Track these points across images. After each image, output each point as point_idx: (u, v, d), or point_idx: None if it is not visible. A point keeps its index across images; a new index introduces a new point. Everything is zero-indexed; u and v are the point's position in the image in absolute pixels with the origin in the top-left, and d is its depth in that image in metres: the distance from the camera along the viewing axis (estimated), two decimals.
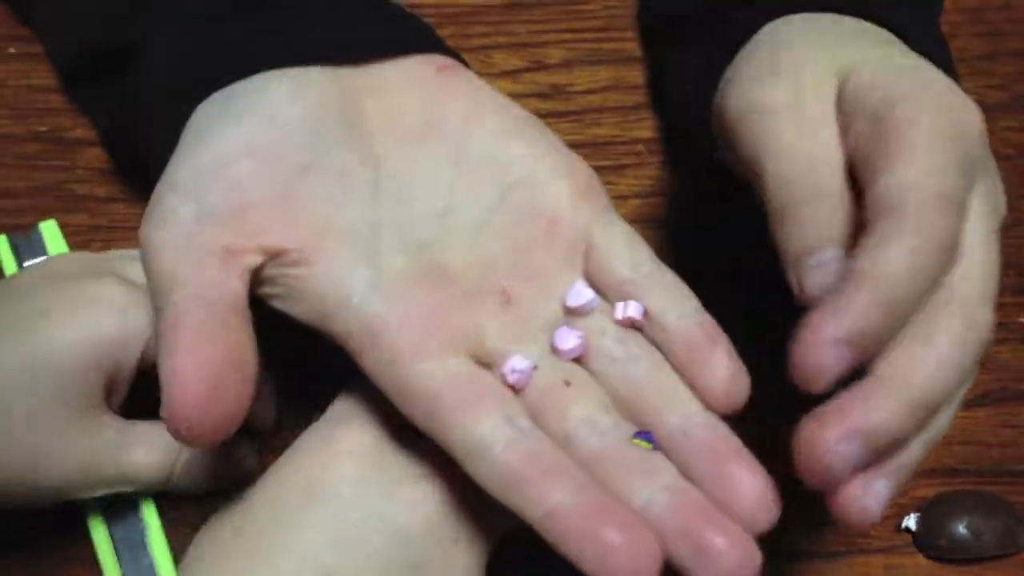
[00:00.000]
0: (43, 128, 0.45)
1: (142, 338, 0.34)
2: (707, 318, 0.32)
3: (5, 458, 0.32)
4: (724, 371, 0.30)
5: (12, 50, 0.47)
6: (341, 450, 0.32)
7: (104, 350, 0.33)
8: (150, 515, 0.36)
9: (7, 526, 0.35)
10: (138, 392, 0.35)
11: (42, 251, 0.41)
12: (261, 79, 0.32)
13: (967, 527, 0.37)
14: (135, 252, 0.38)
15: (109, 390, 0.34)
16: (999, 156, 0.46)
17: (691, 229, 0.43)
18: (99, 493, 0.35)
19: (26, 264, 0.40)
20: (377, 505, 0.31)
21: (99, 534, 0.36)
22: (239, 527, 0.31)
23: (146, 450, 0.34)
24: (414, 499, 0.31)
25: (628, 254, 0.32)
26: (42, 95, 0.46)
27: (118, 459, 0.34)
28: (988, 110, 0.47)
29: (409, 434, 0.32)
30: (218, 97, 0.32)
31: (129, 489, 0.35)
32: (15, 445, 0.32)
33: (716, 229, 0.40)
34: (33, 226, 0.42)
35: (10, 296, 0.35)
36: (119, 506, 0.36)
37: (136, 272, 0.35)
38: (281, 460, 0.33)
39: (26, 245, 0.41)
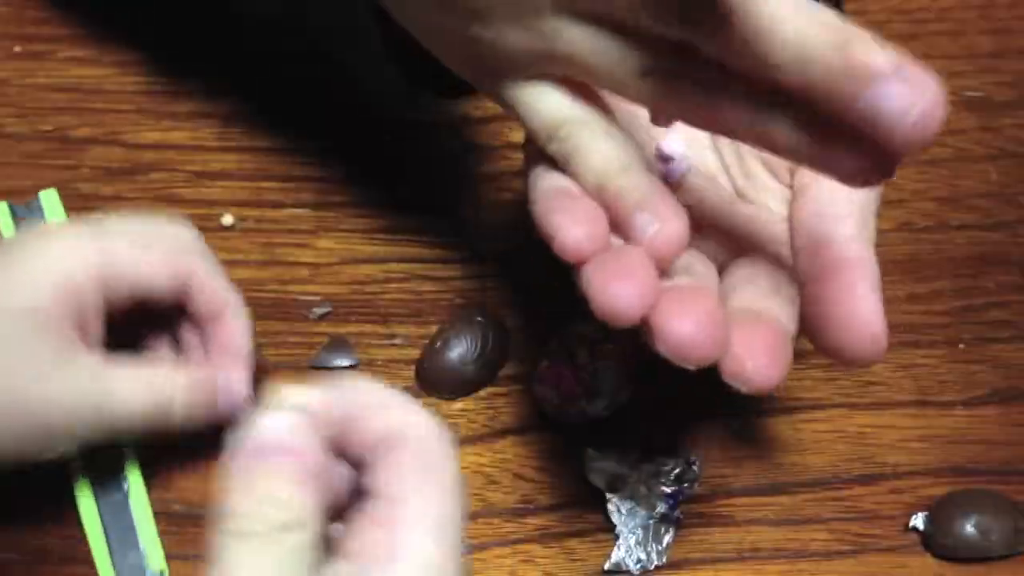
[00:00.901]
0: (48, 127, 0.45)
1: (110, 272, 0.33)
2: None
3: None
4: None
5: (17, 49, 0.47)
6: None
7: (67, 281, 0.33)
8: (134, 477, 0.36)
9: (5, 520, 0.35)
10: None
11: (40, 218, 0.42)
12: None
13: (975, 526, 0.36)
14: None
15: (81, 325, 0.33)
16: (1007, 154, 0.46)
17: None
18: (85, 441, 0.33)
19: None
20: None
21: (90, 521, 0.36)
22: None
23: (131, 385, 0.33)
24: None
25: None
26: (47, 94, 0.46)
27: (99, 397, 0.33)
28: (996, 107, 0.47)
29: None
30: None
31: (118, 435, 0.34)
32: None
33: None
34: (34, 196, 0.42)
35: None
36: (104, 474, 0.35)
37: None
38: None
39: (24, 212, 0.42)
